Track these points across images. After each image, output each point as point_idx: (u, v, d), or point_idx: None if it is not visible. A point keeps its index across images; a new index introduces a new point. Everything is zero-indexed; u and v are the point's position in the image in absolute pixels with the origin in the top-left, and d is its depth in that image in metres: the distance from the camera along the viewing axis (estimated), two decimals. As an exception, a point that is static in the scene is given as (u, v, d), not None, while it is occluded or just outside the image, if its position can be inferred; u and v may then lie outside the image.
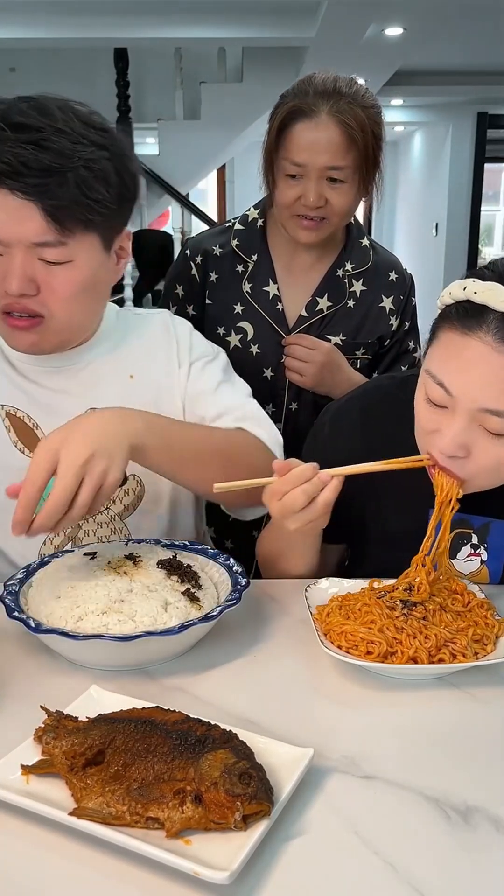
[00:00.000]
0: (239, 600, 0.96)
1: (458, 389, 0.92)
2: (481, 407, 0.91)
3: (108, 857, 0.67)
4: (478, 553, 1.11)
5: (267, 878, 0.65)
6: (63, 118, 1.04)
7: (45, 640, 0.94)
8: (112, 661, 0.93)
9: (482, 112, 9.73)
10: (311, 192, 1.47)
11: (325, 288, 1.62)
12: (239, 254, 1.63)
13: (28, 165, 1.00)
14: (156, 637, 0.89)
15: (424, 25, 5.69)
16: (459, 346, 0.92)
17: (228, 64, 7.08)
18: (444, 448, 0.95)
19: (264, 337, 1.62)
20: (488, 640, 0.94)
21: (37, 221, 1.03)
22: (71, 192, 1.03)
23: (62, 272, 1.08)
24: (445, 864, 0.67)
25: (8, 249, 1.05)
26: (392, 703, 0.88)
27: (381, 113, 1.51)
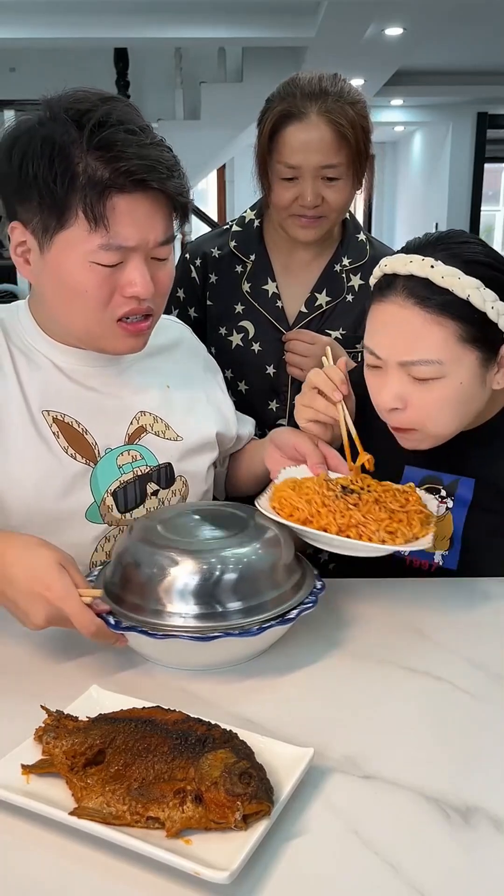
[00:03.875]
0: (315, 603, 0.96)
1: (382, 350, 1.06)
2: (400, 360, 1.05)
3: (108, 857, 0.67)
4: (444, 502, 1.20)
5: (267, 878, 0.65)
6: (141, 116, 1.07)
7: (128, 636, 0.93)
8: (188, 660, 0.93)
9: (482, 112, 9.73)
10: (308, 193, 1.48)
11: (323, 283, 1.64)
12: (237, 254, 1.65)
13: (168, 166, 1.03)
14: (234, 638, 0.89)
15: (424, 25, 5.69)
16: (378, 313, 1.07)
17: (228, 64, 7.08)
18: (382, 403, 1.08)
19: (265, 335, 1.63)
20: (400, 536, 1.00)
21: (165, 219, 1.06)
22: (187, 185, 1.08)
23: (165, 267, 1.11)
24: (445, 864, 0.67)
25: (130, 255, 1.05)
26: (392, 704, 0.89)
27: (367, 106, 1.53)
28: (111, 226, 1.02)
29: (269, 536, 0.99)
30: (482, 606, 1.09)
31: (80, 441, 1.18)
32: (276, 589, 0.95)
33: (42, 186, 1.02)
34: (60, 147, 1.01)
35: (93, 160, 1.01)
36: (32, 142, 1.02)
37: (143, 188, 1.02)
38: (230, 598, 0.92)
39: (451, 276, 1.01)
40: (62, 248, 1.05)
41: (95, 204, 1.01)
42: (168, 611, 0.91)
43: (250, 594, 0.93)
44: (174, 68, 7.12)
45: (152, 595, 0.93)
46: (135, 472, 1.21)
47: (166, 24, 5.68)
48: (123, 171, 1.00)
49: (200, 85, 6.99)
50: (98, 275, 1.05)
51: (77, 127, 1.01)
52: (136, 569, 0.95)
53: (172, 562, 0.93)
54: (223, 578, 0.92)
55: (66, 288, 1.08)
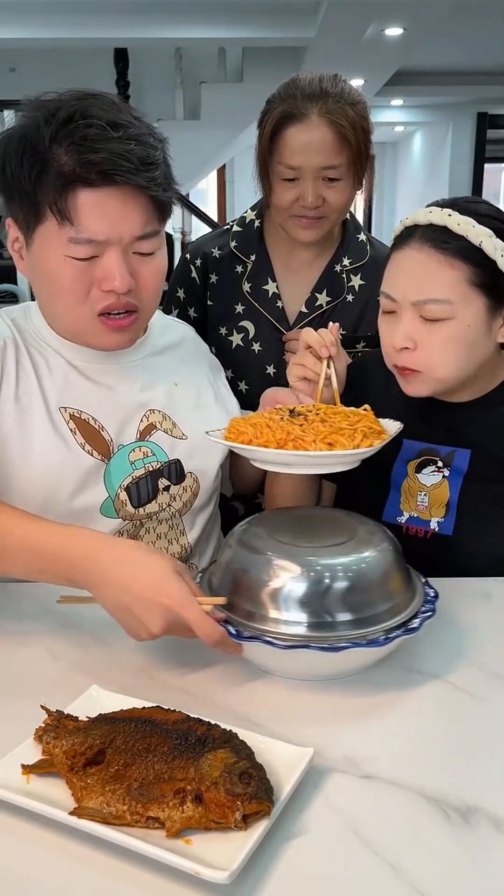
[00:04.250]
0: (434, 612, 0.94)
1: (397, 292, 1.14)
2: (414, 300, 1.11)
3: (108, 857, 0.67)
4: (440, 470, 1.24)
5: (267, 877, 0.65)
6: (126, 112, 1.08)
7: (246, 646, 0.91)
8: (309, 671, 0.91)
9: (482, 112, 9.73)
10: (309, 194, 1.49)
11: (323, 283, 1.64)
12: (238, 254, 1.65)
13: (141, 160, 1.03)
14: (361, 648, 0.87)
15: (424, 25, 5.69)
16: (396, 259, 1.16)
17: (228, 64, 7.08)
18: (394, 342, 1.14)
19: (265, 335, 1.64)
20: (340, 447, 0.98)
21: (142, 213, 1.06)
22: (167, 181, 1.09)
23: (151, 262, 1.11)
24: (445, 864, 0.67)
25: (105, 249, 1.06)
26: (392, 703, 0.88)
27: (367, 107, 1.53)
28: (78, 219, 1.04)
29: (382, 545, 0.96)
30: (482, 606, 1.09)
31: (97, 437, 1.20)
32: (390, 598, 0.93)
33: (18, 182, 1.05)
34: (30, 143, 1.03)
35: (60, 154, 1.03)
36: (10, 140, 1.06)
37: (110, 182, 1.03)
38: (347, 608, 0.89)
39: (466, 223, 1.10)
40: (41, 243, 1.08)
41: (58, 198, 1.03)
42: (284, 619, 0.89)
43: (365, 604, 0.91)
44: (174, 68, 7.13)
45: (268, 603, 0.90)
46: (146, 467, 1.22)
47: (166, 24, 5.69)
48: (88, 164, 1.01)
49: (200, 85, 7.00)
50: (73, 268, 1.06)
51: (45, 122, 1.03)
52: (246, 576, 0.93)
53: (289, 570, 0.91)
54: (343, 587, 0.90)
55: (48, 282, 1.10)
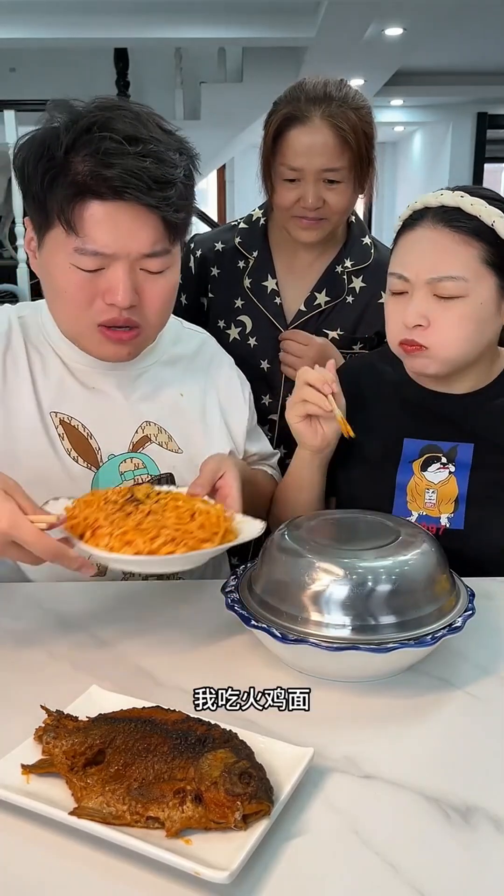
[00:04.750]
0: (474, 611, 0.93)
1: (410, 271, 1.15)
2: (429, 278, 1.13)
3: (108, 857, 0.67)
4: (446, 467, 1.24)
5: (267, 877, 0.65)
6: (152, 126, 1.05)
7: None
8: (358, 672, 0.91)
9: (482, 112, 9.74)
10: (310, 195, 1.51)
11: (323, 283, 1.65)
12: (241, 250, 1.68)
13: (154, 178, 1.01)
14: (410, 648, 0.86)
15: (424, 25, 5.70)
16: (408, 239, 1.17)
17: (228, 64, 7.09)
18: (407, 320, 1.15)
19: (262, 330, 1.66)
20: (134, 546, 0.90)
21: (152, 232, 1.04)
22: (183, 202, 1.06)
23: (160, 280, 1.09)
24: (445, 864, 0.67)
25: (111, 262, 1.05)
26: (392, 703, 0.88)
27: (371, 112, 1.56)
28: (85, 230, 1.02)
29: (424, 546, 0.95)
30: (483, 606, 1.09)
31: (84, 445, 1.18)
32: (435, 600, 0.92)
33: (32, 186, 1.05)
34: (48, 148, 1.02)
35: (75, 164, 1.01)
36: (33, 142, 1.05)
37: (120, 197, 1.01)
38: (392, 611, 0.89)
39: (479, 204, 1.13)
40: (50, 248, 1.08)
41: (66, 207, 1.02)
42: (326, 622, 0.89)
43: (411, 606, 0.90)
44: (174, 68, 7.13)
45: (309, 605, 0.90)
46: (136, 479, 1.20)
47: (166, 24, 5.69)
48: (99, 177, 1.00)
49: (200, 85, 7.00)
50: (79, 278, 1.06)
51: (66, 130, 1.02)
52: (289, 580, 0.92)
53: (333, 573, 0.90)
54: (389, 589, 0.89)
55: (53, 286, 1.10)
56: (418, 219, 1.16)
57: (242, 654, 0.98)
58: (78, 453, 1.18)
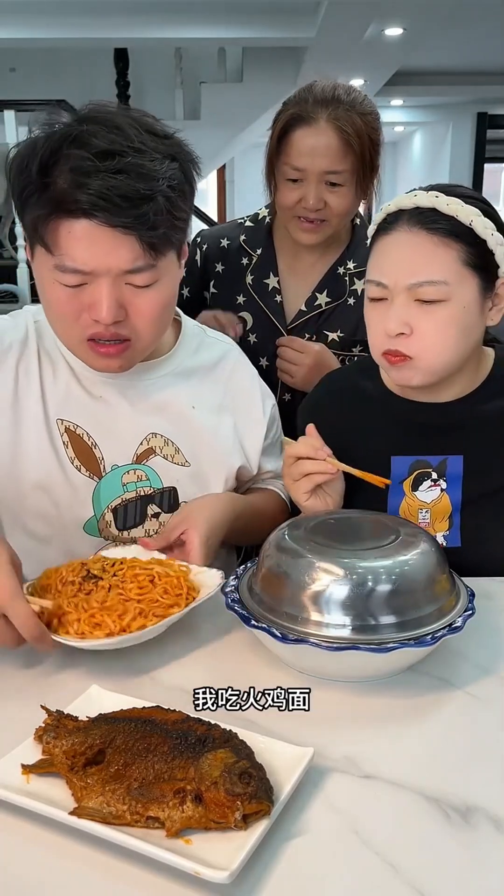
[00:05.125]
0: (474, 611, 0.93)
1: (389, 277, 1.10)
2: (408, 283, 1.08)
3: (108, 857, 0.67)
4: (437, 484, 1.20)
5: (267, 877, 0.65)
6: (135, 134, 1.00)
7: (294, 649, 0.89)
8: (359, 671, 0.90)
9: (482, 112, 9.74)
10: (311, 196, 1.51)
11: (325, 284, 1.66)
12: (245, 247, 1.69)
13: (126, 197, 0.96)
14: (410, 648, 0.86)
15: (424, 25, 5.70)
16: (384, 244, 1.12)
17: (228, 64, 7.09)
18: (389, 328, 1.10)
19: (262, 328, 1.66)
20: (105, 627, 0.92)
21: (130, 249, 1.00)
22: (163, 217, 1.01)
23: (149, 293, 1.06)
24: (445, 864, 0.67)
25: (94, 278, 1.02)
26: (392, 703, 0.88)
27: (378, 119, 1.56)
28: (61, 249, 1.00)
29: (424, 546, 0.95)
30: (483, 606, 1.09)
31: (88, 454, 1.17)
32: (435, 600, 0.92)
33: (15, 201, 1.03)
34: (27, 164, 0.99)
35: (48, 182, 0.98)
36: (17, 155, 1.02)
37: (93, 218, 0.98)
38: (392, 611, 0.89)
39: (455, 203, 1.08)
40: (37, 262, 1.06)
41: (41, 226, 1.00)
42: (326, 622, 0.88)
43: (411, 606, 0.90)
44: (174, 68, 7.14)
45: (309, 605, 0.89)
46: (138, 491, 1.19)
47: (166, 24, 5.70)
48: (71, 199, 0.97)
49: (200, 85, 7.01)
50: (63, 293, 1.04)
51: (44, 142, 0.99)
52: (288, 580, 0.92)
53: (334, 573, 0.90)
54: (389, 589, 0.89)
55: (43, 299, 1.09)
56: (393, 222, 1.12)
57: (242, 654, 0.98)
58: (81, 462, 1.17)
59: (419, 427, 1.22)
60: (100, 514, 1.18)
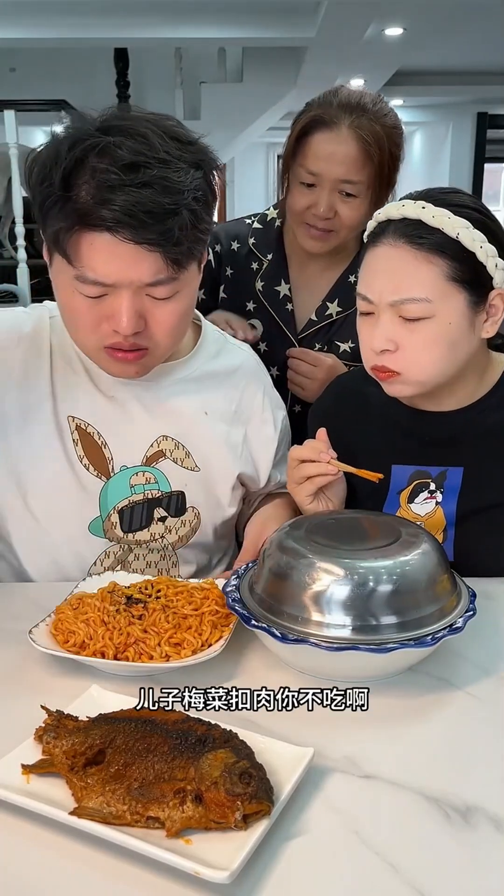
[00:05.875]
0: (475, 611, 0.92)
1: (374, 292, 1.09)
2: (391, 300, 1.06)
3: (108, 857, 0.67)
4: (433, 496, 1.19)
5: (267, 877, 0.65)
6: (160, 143, 0.98)
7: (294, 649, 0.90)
8: (359, 671, 0.90)
9: (482, 112, 9.73)
10: (323, 203, 1.47)
11: (336, 293, 1.62)
12: (255, 252, 1.65)
13: (151, 213, 0.95)
14: (410, 649, 0.86)
15: (424, 25, 5.70)
16: (371, 258, 1.10)
17: (228, 64, 7.09)
18: (374, 345, 1.09)
19: (273, 336, 1.62)
20: (187, 646, 0.93)
21: (153, 264, 0.99)
22: (188, 232, 0.99)
23: (169, 305, 1.05)
24: (445, 864, 0.67)
25: (115, 290, 1.01)
26: (392, 703, 0.88)
27: (401, 135, 1.51)
28: (82, 261, 0.99)
29: (425, 546, 0.95)
30: (483, 606, 1.09)
31: (97, 453, 1.17)
32: (436, 600, 0.92)
33: (37, 209, 1.02)
34: (49, 172, 0.98)
35: (71, 194, 0.97)
36: (36, 161, 1.01)
37: (117, 234, 0.96)
38: (393, 611, 0.89)
39: (441, 215, 1.05)
40: (56, 270, 1.05)
41: (63, 238, 0.98)
42: (326, 622, 0.89)
43: (412, 606, 0.90)
44: (174, 68, 7.13)
45: (310, 605, 0.90)
46: (145, 494, 1.19)
47: (166, 24, 5.69)
48: (95, 213, 0.95)
49: (200, 85, 7.00)
50: (83, 303, 1.03)
51: (68, 151, 0.97)
52: (289, 580, 0.92)
53: (334, 573, 0.90)
54: (390, 589, 0.89)
55: (61, 305, 1.08)
56: (380, 233, 1.09)
57: (243, 653, 0.98)
58: (90, 461, 1.17)
59: (421, 437, 1.20)
60: (106, 515, 1.18)
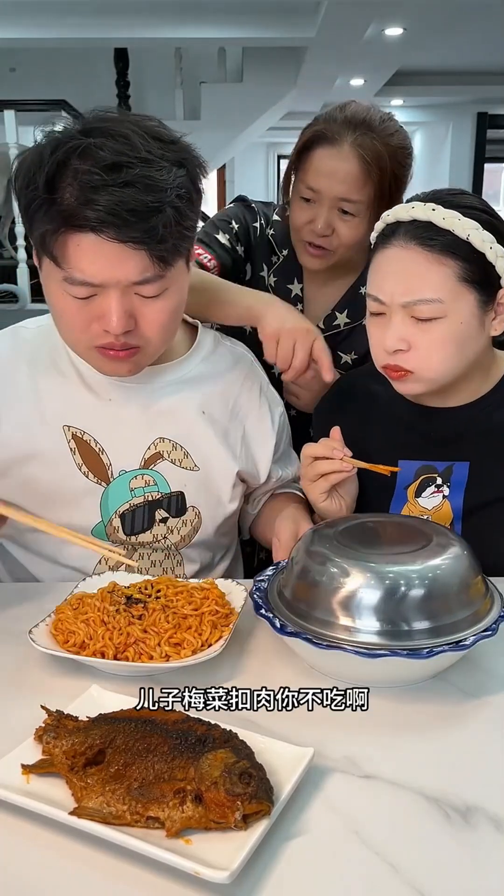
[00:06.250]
0: (496, 632, 0.91)
1: (385, 293, 1.10)
2: (403, 301, 1.08)
3: (108, 857, 0.67)
4: (440, 490, 1.20)
5: (267, 877, 0.65)
6: (142, 143, 0.98)
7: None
8: (399, 676, 0.90)
9: (482, 112, 9.73)
10: (320, 220, 1.45)
11: (345, 303, 1.60)
12: (273, 244, 1.61)
13: (134, 211, 0.96)
14: (450, 653, 0.86)
15: (424, 25, 5.70)
16: (381, 259, 1.12)
17: (228, 64, 7.09)
18: (386, 345, 1.11)
19: None
20: (187, 646, 0.93)
21: (139, 262, 1.00)
22: (172, 229, 1.00)
23: (158, 303, 1.05)
24: (445, 864, 0.67)
25: (103, 290, 1.02)
26: (392, 703, 0.88)
27: (409, 156, 1.48)
28: (70, 262, 0.99)
29: (456, 550, 0.94)
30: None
31: (95, 460, 1.17)
32: (470, 603, 0.91)
33: (22, 213, 1.02)
34: (33, 175, 0.98)
35: (55, 197, 0.97)
36: (22, 164, 1.01)
37: (101, 234, 0.97)
38: (426, 615, 0.88)
39: (452, 217, 1.06)
40: (45, 272, 1.06)
41: (49, 240, 0.99)
42: (356, 627, 0.88)
43: (443, 611, 0.89)
44: (174, 68, 7.13)
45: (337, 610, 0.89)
46: (146, 496, 1.19)
47: (166, 24, 5.69)
48: (79, 214, 0.96)
49: (200, 85, 7.00)
50: (72, 304, 1.04)
51: (51, 154, 0.97)
52: (320, 586, 0.91)
53: (366, 578, 0.89)
54: (421, 594, 0.89)
55: (51, 307, 1.08)
56: (390, 235, 1.10)
57: (243, 653, 0.98)
58: (88, 468, 1.17)
59: (428, 433, 1.21)
60: (107, 520, 1.18)
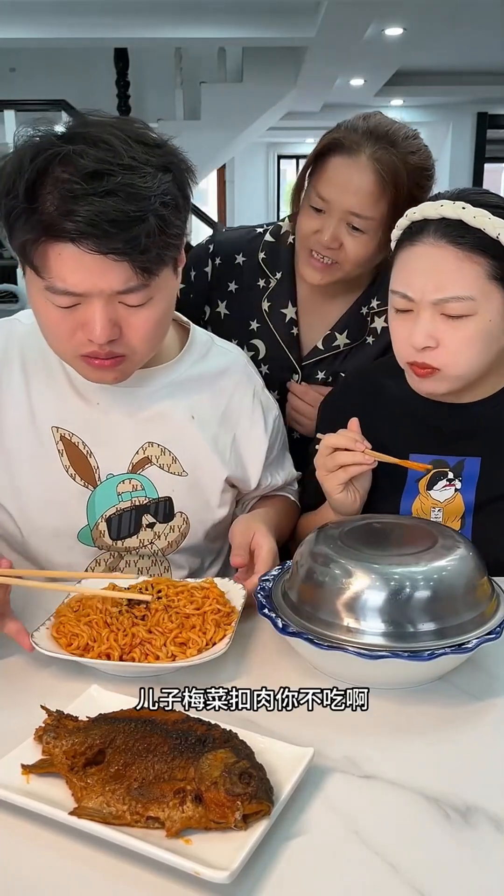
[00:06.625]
0: (500, 635, 0.89)
1: (414, 290, 1.09)
2: (434, 298, 1.08)
3: (108, 857, 0.67)
4: (452, 483, 1.20)
5: (267, 877, 0.65)
6: (125, 148, 0.95)
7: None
8: (402, 678, 0.90)
9: (482, 112, 9.75)
10: (328, 232, 1.38)
11: (345, 323, 1.55)
12: (263, 267, 1.56)
13: (115, 222, 0.93)
14: (452, 656, 0.85)
15: (424, 25, 5.71)
16: (409, 257, 1.11)
17: (228, 64, 7.09)
18: (415, 342, 1.10)
19: (276, 359, 1.55)
20: (193, 645, 0.93)
21: (122, 272, 0.97)
22: (155, 238, 0.97)
23: (143, 312, 1.03)
24: (445, 864, 0.67)
25: (86, 299, 0.99)
26: (392, 704, 0.88)
27: (431, 177, 1.43)
28: (51, 272, 0.97)
29: (462, 551, 0.93)
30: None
31: (83, 463, 1.16)
32: (476, 605, 0.91)
33: (3, 221, 1.00)
34: (13, 183, 0.95)
35: (35, 206, 0.95)
36: (3, 170, 0.99)
37: (94, 247, 0.94)
38: (431, 617, 0.88)
39: (482, 216, 1.07)
40: (29, 279, 1.04)
41: (29, 250, 0.97)
42: (360, 628, 0.88)
43: (448, 613, 0.89)
44: (174, 68, 7.14)
45: (349, 614, 0.89)
46: (133, 501, 1.18)
47: (166, 24, 5.70)
48: (59, 225, 0.93)
49: (200, 85, 7.01)
50: (56, 313, 1.02)
51: (30, 161, 0.95)
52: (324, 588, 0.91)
53: (372, 580, 0.89)
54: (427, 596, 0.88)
55: (36, 314, 1.07)
56: (418, 232, 1.10)
57: (243, 653, 0.98)
58: (76, 471, 1.16)
59: (440, 428, 1.22)
60: (94, 524, 1.17)
